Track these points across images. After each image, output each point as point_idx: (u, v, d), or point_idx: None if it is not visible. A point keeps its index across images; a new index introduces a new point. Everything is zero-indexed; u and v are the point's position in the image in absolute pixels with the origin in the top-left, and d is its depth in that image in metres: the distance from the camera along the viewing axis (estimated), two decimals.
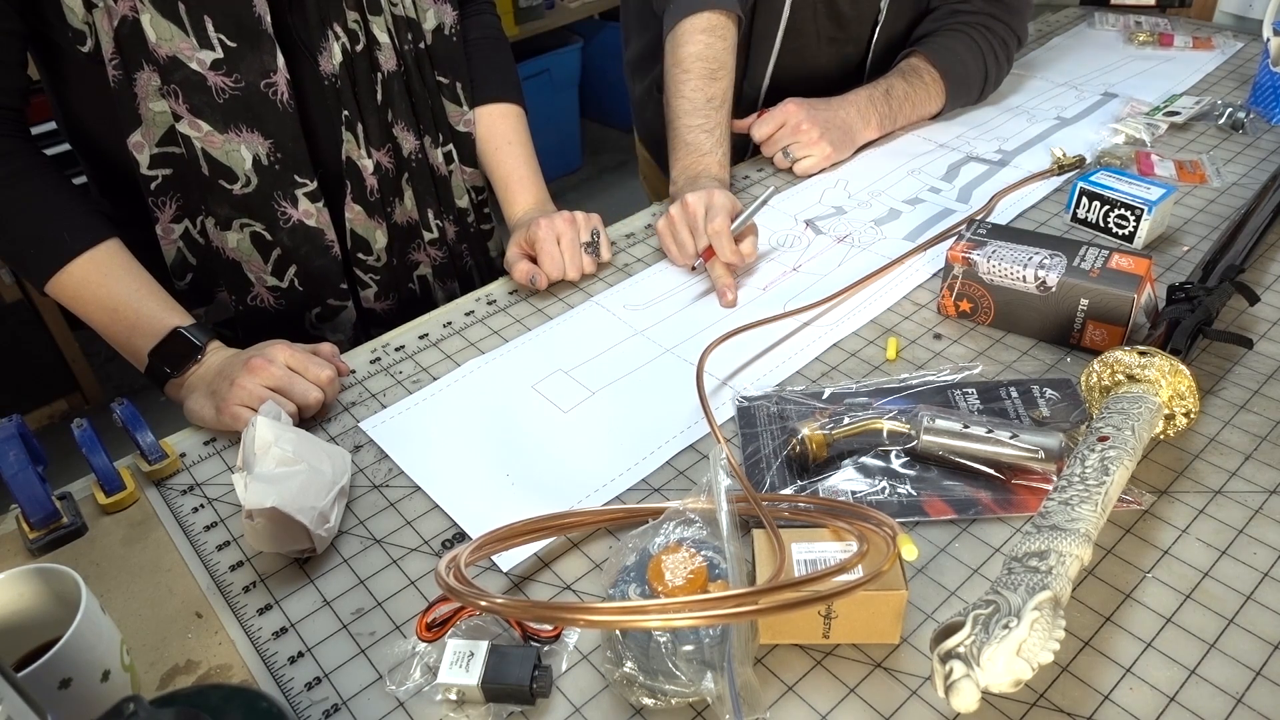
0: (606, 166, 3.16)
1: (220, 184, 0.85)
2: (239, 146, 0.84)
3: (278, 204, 0.88)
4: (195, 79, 0.80)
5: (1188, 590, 0.60)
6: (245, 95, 0.82)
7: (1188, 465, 0.69)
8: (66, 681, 0.49)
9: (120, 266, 0.81)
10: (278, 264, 0.91)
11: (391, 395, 0.81)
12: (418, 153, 0.96)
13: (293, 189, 0.88)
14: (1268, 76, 1.17)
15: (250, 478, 0.63)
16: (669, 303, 0.91)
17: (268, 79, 0.83)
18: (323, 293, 0.95)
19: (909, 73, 1.17)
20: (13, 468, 0.64)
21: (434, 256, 1.03)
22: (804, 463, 0.69)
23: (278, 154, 0.86)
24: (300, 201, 0.89)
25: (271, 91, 0.83)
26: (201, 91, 0.81)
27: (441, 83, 0.97)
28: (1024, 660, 0.47)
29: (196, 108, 0.81)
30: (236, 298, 0.92)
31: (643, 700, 0.54)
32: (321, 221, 0.91)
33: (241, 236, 0.89)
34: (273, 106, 0.84)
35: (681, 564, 0.57)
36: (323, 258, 0.93)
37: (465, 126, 1.00)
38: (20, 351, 2.07)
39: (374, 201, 0.94)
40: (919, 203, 1.05)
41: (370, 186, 0.92)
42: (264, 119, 0.84)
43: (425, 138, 0.97)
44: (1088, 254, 0.81)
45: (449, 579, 0.53)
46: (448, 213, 1.03)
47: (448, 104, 0.98)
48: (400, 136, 0.94)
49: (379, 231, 0.95)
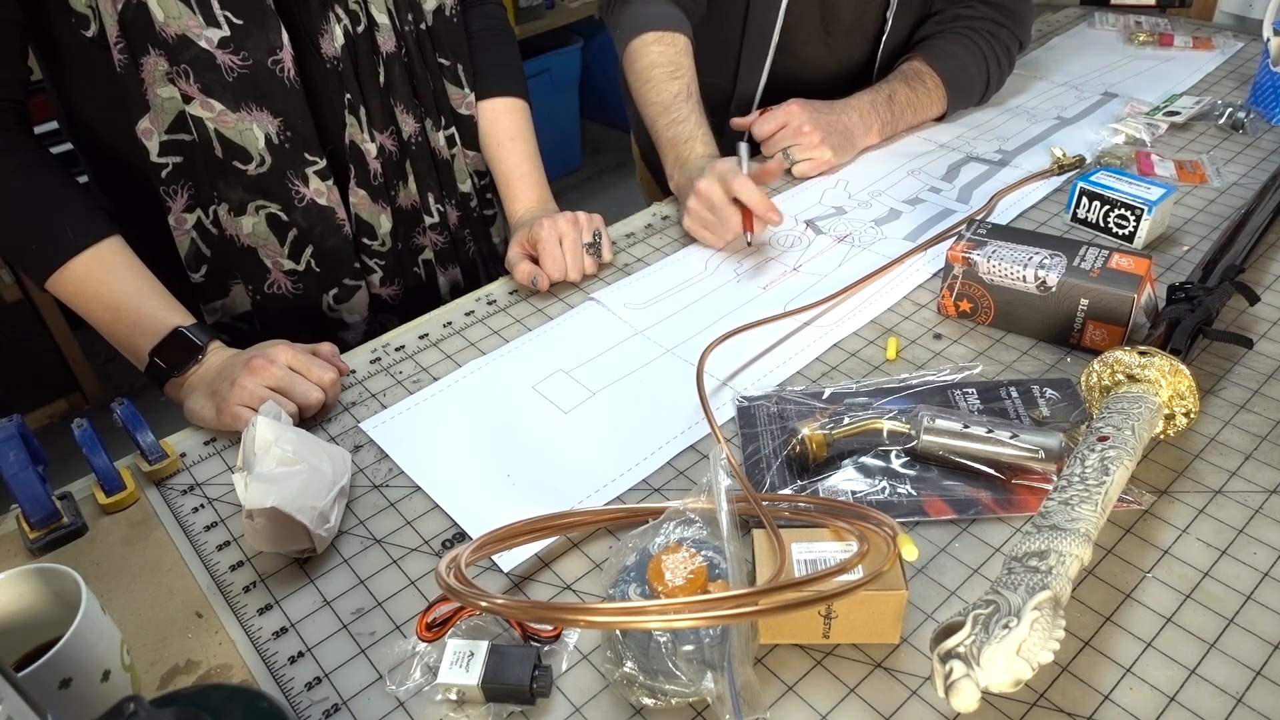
0: (606, 166, 3.16)
1: (234, 165, 0.84)
2: (251, 125, 0.83)
3: (291, 183, 0.87)
4: (205, 57, 0.79)
5: (1188, 590, 0.60)
6: (254, 73, 0.82)
7: (1188, 465, 0.69)
8: (67, 681, 0.49)
9: (122, 264, 0.81)
10: (294, 246, 0.91)
11: (392, 395, 0.81)
12: (418, 135, 0.95)
13: (304, 167, 0.87)
14: (1268, 76, 1.17)
15: (250, 478, 0.63)
16: (669, 303, 0.91)
17: (274, 56, 0.82)
18: (338, 273, 0.94)
19: (911, 77, 1.17)
20: (13, 468, 0.64)
21: (435, 241, 1.02)
22: (804, 463, 0.69)
23: (288, 132, 0.85)
24: (311, 180, 0.88)
25: (279, 69, 0.83)
26: (212, 70, 0.80)
27: (443, 64, 0.96)
28: (1024, 660, 0.47)
29: (208, 87, 0.80)
30: (253, 287, 0.92)
31: (643, 700, 0.54)
32: (332, 200, 0.90)
33: (257, 220, 0.88)
34: (280, 84, 0.83)
35: (681, 564, 0.57)
36: (335, 237, 0.92)
37: (467, 109, 0.99)
38: (20, 351, 2.07)
39: (378, 185, 0.93)
40: (919, 203, 1.05)
41: (374, 170, 0.92)
42: (273, 97, 0.83)
43: (426, 120, 0.96)
44: (1088, 254, 0.81)
45: (449, 579, 0.53)
46: (450, 197, 1.02)
47: (449, 86, 0.97)
48: (401, 119, 0.93)
49: (383, 216, 0.95)
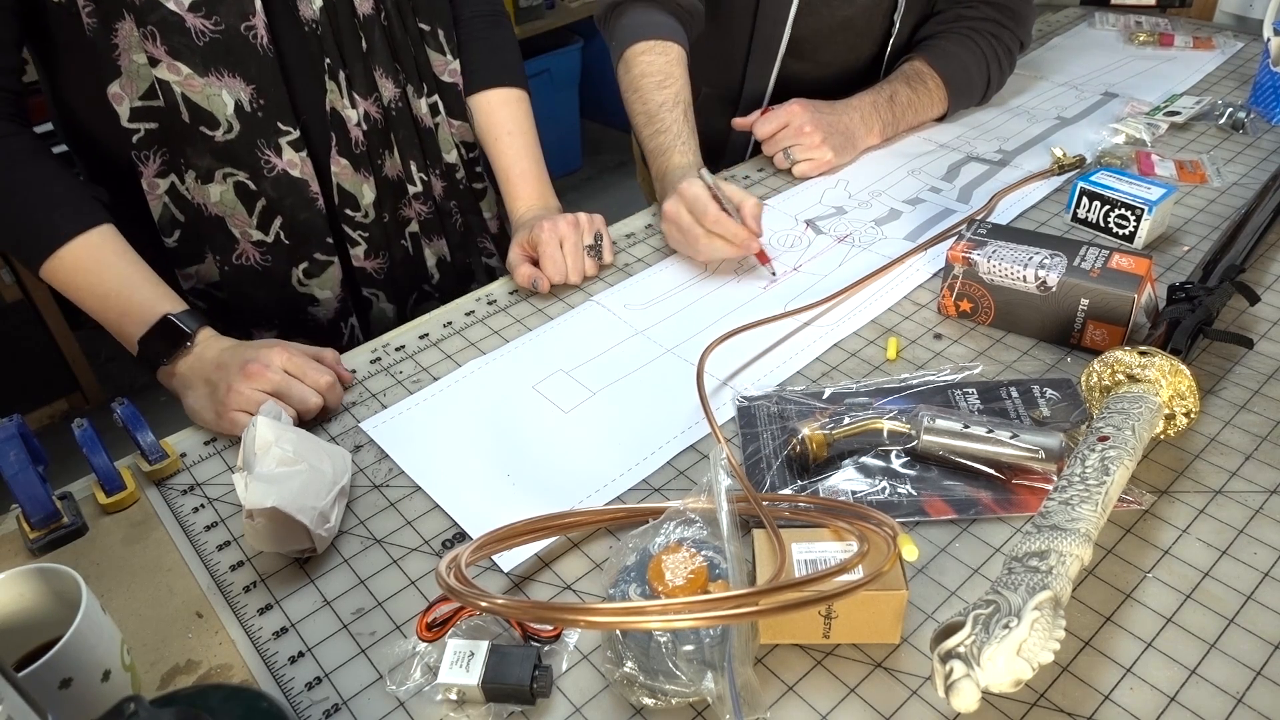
0: (606, 166, 3.16)
1: (201, 131, 0.84)
2: (220, 91, 0.82)
3: (261, 152, 0.86)
4: (173, 20, 0.79)
5: (1188, 590, 0.60)
6: (225, 38, 0.81)
7: (1188, 465, 0.69)
8: (67, 681, 0.49)
9: (113, 252, 0.81)
10: (262, 216, 0.90)
11: (392, 395, 0.81)
12: (398, 101, 0.93)
13: (276, 137, 0.86)
14: (1268, 76, 1.17)
15: (250, 478, 0.63)
16: (669, 303, 0.91)
17: (247, 22, 0.81)
18: (309, 246, 0.93)
19: (913, 78, 1.17)
20: (13, 468, 0.64)
21: (420, 212, 1.00)
22: (804, 463, 0.69)
23: (260, 100, 0.84)
24: (284, 151, 0.87)
25: (251, 35, 0.82)
26: (180, 33, 0.79)
27: (423, 30, 0.94)
28: (1024, 660, 0.47)
29: (175, 49, 0.80)
30: (221, 258, 0.91)
31: (643, 700, 0.54)
32: (305, 173, 0.89)
33: (225, 188, 0.87)
34: (253, 50, 0.82)
35: (682, 564, 0.57)
36: (308, 210, 0.91)
37: (450, 76, 0.97)
38: (20, 351, 2.07)
39: (360, 154, 0.91)
40: (919, 203, 1.05)
41: (355, 139, 0.90)
42: (245, 63, 0.82)
43: (407, 86, 0.94)
44: (1088, 254, 0.81)
45: (449, 579, 0.53)
46: (434, 167, 1.00)
47: (431, 53, 0.95)
48: (381, 84, 0.92)
49: (366, 186, 0.93)
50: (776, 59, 1.17)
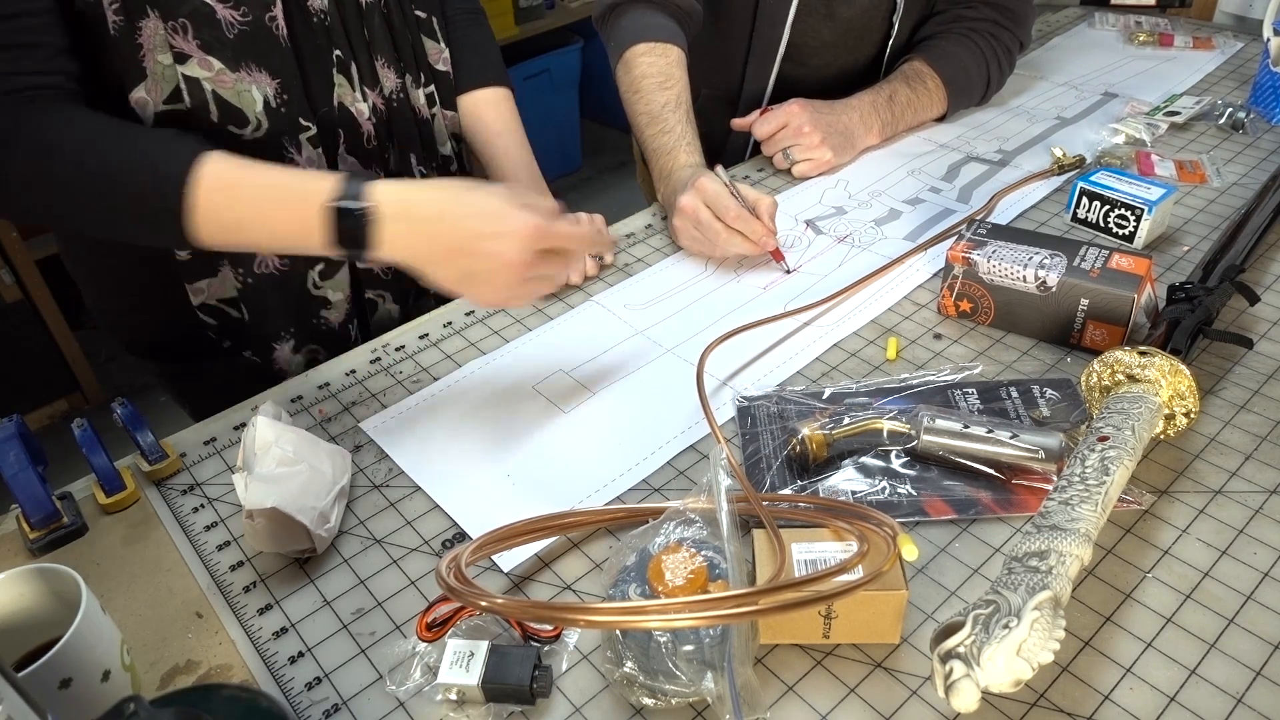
0: (606, 166, 3.16)
1: (230, 130, 0.80)
2: (250, 87, 0.80)
3: (287, 150, 0.84)
4: (205, 11, 0.76)
5: (1188, 590, 0.60)
6: (253, 30, 0.78)
7: (1188, 465, 0.69)
8: (67, 681, 0.49)
9: (240, 159, 0.71)
10: None
11: (392, 395, 0.81)
12: (399, 92, 0.92)
13: (297, 134, 0.84)
14: (1268, 76, 1.17)
15: (250, 478, 0.63)
16: (669, 303, 0.91)
17: (270, 12, 0.79)
18: None
19: (913, 78, 1.17)
20: (13, 468, 0.64)
21: None
22: (804, 463, 0.69)
23: (284, 95, 0.82)
24: (304, 148, 0.85)
25: (274, 26, 0.80)
26: (211, 25, 0.77)
27: (419, 17, 0.93)
28: (1024, 660, 0.47)
29: (207, 44, 0.77)
30: (244, 270, 0.87)
31: (643, 700, 0.54)
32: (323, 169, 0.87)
33: None
34: (276, 42, 0.80)
35: (681, 564, 0.57)
36: None
37: (444, 65, 0.96)
38: (20, 351, 2.07)
39: (371, 149, 0.89)
40: (919, 203, 1.05)
41: (367, 133, 0.88)
42: (270, 56, 0.80)
43: (406, 76, 0.92)
44: (1088, 254, 0.81)
45: (449, 579, 0.53)
46: (431, 159, 0.98)
47: (427, 41, 0.94)
48: (383, 75, 0.90)
49: None
50: (776, 60, 1.17)
